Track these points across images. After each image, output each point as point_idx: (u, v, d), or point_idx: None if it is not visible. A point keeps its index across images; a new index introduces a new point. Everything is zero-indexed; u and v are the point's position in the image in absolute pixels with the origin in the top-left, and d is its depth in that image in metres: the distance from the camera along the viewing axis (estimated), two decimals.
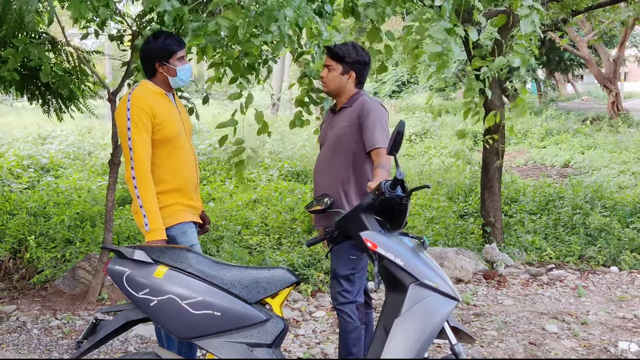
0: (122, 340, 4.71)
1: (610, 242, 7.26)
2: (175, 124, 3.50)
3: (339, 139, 3.70)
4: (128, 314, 2.98)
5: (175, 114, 3.53)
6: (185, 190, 3.54)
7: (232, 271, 2.96)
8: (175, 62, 3.48)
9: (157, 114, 3.40)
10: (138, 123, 3.36)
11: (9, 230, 6.82)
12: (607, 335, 4.92)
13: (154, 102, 3.44)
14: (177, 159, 3.51)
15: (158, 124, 3.40)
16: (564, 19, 9.09)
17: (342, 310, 3.62)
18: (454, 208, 9.19)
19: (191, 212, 3.57)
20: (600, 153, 14.95)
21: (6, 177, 10.12)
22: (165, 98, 3.54)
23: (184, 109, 3.75)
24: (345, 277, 3.62)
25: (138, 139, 3.36)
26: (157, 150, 3.44)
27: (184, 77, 3.53)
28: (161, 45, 3.47)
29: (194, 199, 3.60)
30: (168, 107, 3.51)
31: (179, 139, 3.51)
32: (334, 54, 3.69)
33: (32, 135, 15.20)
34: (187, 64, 3.54)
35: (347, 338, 3.61)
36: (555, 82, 32.90)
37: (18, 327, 5.04)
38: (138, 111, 3.36)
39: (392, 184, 2.86)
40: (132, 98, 3.41)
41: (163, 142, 3.44)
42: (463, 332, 2.88)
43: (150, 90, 3.51)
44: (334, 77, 3.71)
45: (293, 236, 7.71)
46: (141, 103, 3.38)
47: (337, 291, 3.65)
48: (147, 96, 3.45)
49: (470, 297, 5.83)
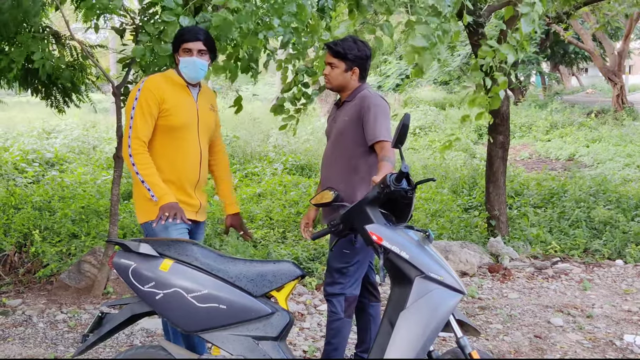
0: (127, 334, 4.72)
1: (615, 235, 7.24)
2: (184, 115, 3.47)
3: (341, 133, 3.70)
4: (134, 308, 2.98)
5: (188, 107, 3.50)
6: (181, 184, 3.51)
7: (237, 264, 2.96)
8: (181, 54, 3.46)
9: (167, 99, 3.41)
10: (143, 104, 3.39)
11: (14, 224, 6.83)
12: (612, 329, 4.92)
13: (167, 88, 3.45)
14: (177, 150, 3.48)
15: (165, 109, 3.41)
16: (569, 12, 9.05)
17: (330, 300, 3.68)
18: (459, 201, 9.17)
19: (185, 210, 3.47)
20: (605, 146, 14.91)
21: (11, 172, 10.15)
22: (184, 90, 3.51)
23: (207, 107, 3.64)
24: (337, 269, 3.64)
25: (139, 118, 3.39)
26: (158, 136, 3.45)
27: (186, 71, 3.48)
28: (177, 34, 3.53)
29: (191, 195, 3.56)
30: (182, 97, 3.49)
31: (185, 131, 3.48)
32: (336, 51, 3.66)
33: (37, 129, 15.22)
34: (193, 57, 3.44)
35: (329, 328, 3.69)
36: (560, 75, 32.83)
37: (24, 321, 5.05)
38: (147, 93, 3.40)
39: (398, 177, 2.85)
40: (146, 81, 3.46)
41: (167, 129, 3.44)
42: (468, 325, 2.88)
43: (170, 78, 3.51)
44: (338, 75, 3.69)
45: (297, 230, 7.70)
46: (152, 86, 3.42)
47: (328, 282, 3.71)
48: (162, 82, 3.47)
49: (476, 291, 5.83)
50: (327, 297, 3.71)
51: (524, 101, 24.33)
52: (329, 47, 3.71)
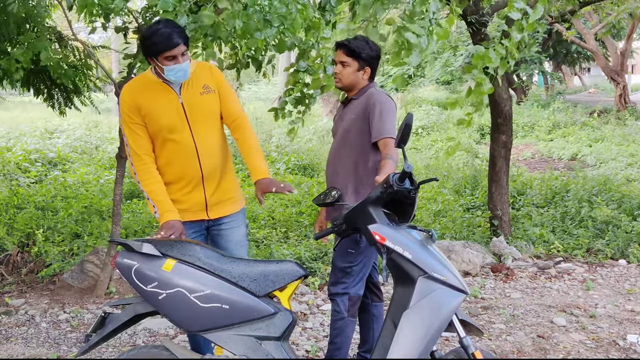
0: (130, 334, 4.73)
1: (618, 235, 7.23)
2: (165, 115, 3.32)
3: (347, 131, 3.69)
4: (136, 307, 2.98)
5: (168, 105, 3.34)
6: (182, 183, 3.41)
7: (240, 264, 2.96)
8: (163, 61, 3.23)
9: (142, 106, 3.31)
10: (125, 118, 3.34)
11: (16, 224, 6.84)
12: (615, 328, 4.91)
13: (141, 93, 3.33)
14: (170, 151, 3.38)
15: (144, 115, 3.33)
16: (571, 11, 9.04)
17: (334, 300, 3.68)
18: (461, 201, 9.17)
19: (184, 211, 3.41)
20: (608, 146, 14.89)
21: (14, 171, 10.17)
22: (162, 88, 3.34)
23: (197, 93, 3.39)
24: (341, 269, 3.64)
25: (127, 132, 3.36)
26: (154, 141, 3.40)
27: (173, 77, 3.27)
28: (148, 42, 3.22)
29: (196, 192, 3.43)
30: (159, 98, 3.33)
31: (172, 130, 3.34)
32: (350, 50, 3.64)
33: (40, 129, 15.23)
34: (178, 64, 3.23)
35: (332, 327, 3.69)
36: (562, 75, 32.79)
37: (27, 321, 5.06)
38: (123, 105, 3.35)
39: (401, 176, 2.85)
40: (122, 91, 3.38)
41: (154, 134, 3.37)
42: (471, 325, 2.88)
43: (146, 79, 3.37)
44: (349, 74, 3.68)
45: (300, 229, 7.71)
46: (125, 96, 3.35)
47: (332, 282, 3.70)
48: (135, 88, 3.37)
49: (478, 291, 5.82)
50: (330, 297, 3.72)
51: (527, 101, 24.30)
52: (341, 46, 3.67)
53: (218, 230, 3.54)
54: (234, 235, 3.57)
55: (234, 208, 3.58)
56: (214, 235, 3.56)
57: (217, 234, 3.55)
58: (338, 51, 3.70)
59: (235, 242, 3.56)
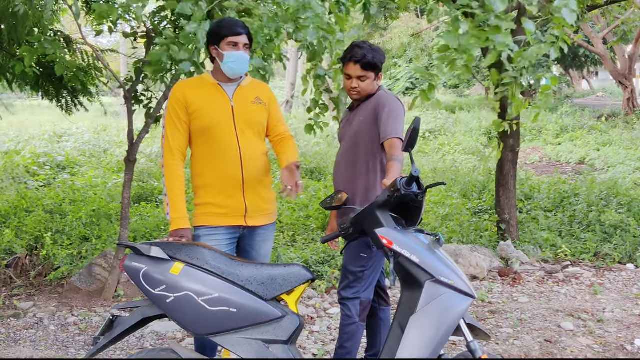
0: (138, 337, 4.74)
1: (626, 240, 7.21)
2: (214, 114, 3.36)
3: (357, 134, 3.69)
4: (144, 311, 2.99)
5: (219, 106, 3.39)
6: (222, 186, 3.39)
7: (248, 268, 2.97)
8: (224, 47, 3.34)
9: (191, 102, 3.36)
10: (171, 112, 3.38)
11: (25, 227, 6.88)
12: (623, 333, 4.89)
13: (194, 91, 3.39)
14: (214, 152, 3.38)
15: (192, 112, 3.36)
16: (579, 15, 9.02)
17: (344, 304, 3.66)
18: (468, 205, 9.15)
19: (224, 215, 3.40)
20: (616, 150, 14.84)
21: (23, 175, 10.21)
22: (216, 89, 3.41)
23: (249, 102, 3.46)
24: (353, 273, 3.63)
25: (169, 128, 3.39)
26: (195, 140, 3.42)
27: (232, 65, 3.35)
28: (214, 28, 3.39)
29: (235, 197, 3.40)
30: (211, 97, 3.39)
31: (219, 130, 3.36)
32: (366, 64, 3.62)
33: (48, 133, 15.31)
34: (240, 52, 3.34)
35: (343, 332, 3.67)
36: (570, 79, 32.70)
37: (35, 324, 5.08)
38: (172, 100, 3.39)
39: (408, 180, 2.85)
40: (174, 87, 3.44)
41: (199, 132, 3.38)
42: (479, 330, 2.88)
43: (202, 80, 3.46)
44: (368, 85, 3.68)
45: (307, 233, 7.72)
46: (176, 91, 3.40)
47: (343, 286, 3.68)
48: (189, 85, 3.44)
49: (486, 295, 5.81)
50: (341, 301, 3.69)
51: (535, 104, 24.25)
52: (357, 62, 3.63)
53: (250, 241, 3.53)
54: (264, 247, 3.58)
55: (270, 219, 3.58)
56: (245, 244, 3.53)
57: (248, 244, 3.53)
58: (352, 66, 3.65)
59: (264, 254, 3.58)
